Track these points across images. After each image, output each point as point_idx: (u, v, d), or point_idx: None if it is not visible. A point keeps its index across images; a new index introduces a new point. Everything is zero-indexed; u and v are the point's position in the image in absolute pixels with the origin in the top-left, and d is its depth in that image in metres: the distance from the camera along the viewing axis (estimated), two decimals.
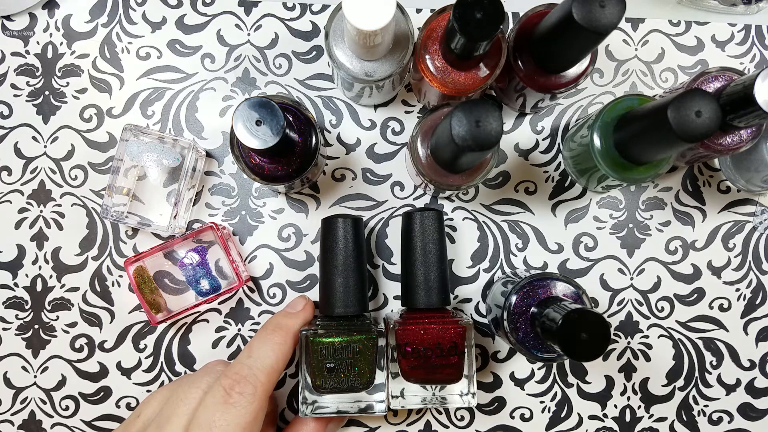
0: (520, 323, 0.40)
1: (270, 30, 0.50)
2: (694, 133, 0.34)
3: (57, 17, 0.50)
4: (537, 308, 0.40)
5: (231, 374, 0.38)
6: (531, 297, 0.41)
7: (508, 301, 0.41)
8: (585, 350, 0.33)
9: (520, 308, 0.40)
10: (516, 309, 0.40)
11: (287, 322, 0.42)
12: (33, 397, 0.48)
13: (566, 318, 0.33)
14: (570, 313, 0.34)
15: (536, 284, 0.41)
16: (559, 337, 0.33)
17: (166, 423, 0.38)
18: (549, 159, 0.50)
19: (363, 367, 0.41)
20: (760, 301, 0.50)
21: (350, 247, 0.44)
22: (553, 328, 0.34)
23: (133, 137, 0.46)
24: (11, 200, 0.49)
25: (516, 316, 0.40)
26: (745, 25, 0.51)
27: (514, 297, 0.41)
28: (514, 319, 0.40)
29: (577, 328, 0.33)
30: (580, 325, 0.33)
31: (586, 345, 0.33)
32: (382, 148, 0.50)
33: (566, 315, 0.34)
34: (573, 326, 0.33)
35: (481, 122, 0.33)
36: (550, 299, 0.40)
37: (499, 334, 0.45)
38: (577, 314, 0.34)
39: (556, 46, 0.39)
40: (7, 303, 0.49)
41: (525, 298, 0.41)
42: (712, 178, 0.50)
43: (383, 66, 0.42)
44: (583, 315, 0.34)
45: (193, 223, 0.49)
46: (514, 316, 0.40)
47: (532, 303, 0.41)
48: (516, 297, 0.41)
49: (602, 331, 0.33)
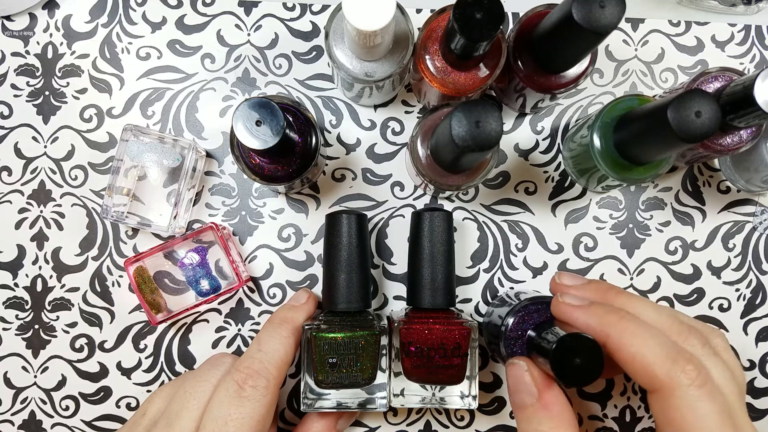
0: (516, 347, 0.40)
1: (270, 30, 0.50)
2: (694, 134, 0.34)
3: (57, 17, 0.50)
4: (533, 332, 0.39)
5: (243, 368, 0.39)
6: (527, 321, 0.40)
7: (505, 323, 0.41)
8: (578, 376, 0.33)
9: (516, 332, 0.40)
10: (512, 333, 0.40)
11: (292, 314, 0.43)
12: (33, 397, 0.49)
13: (561, 342, 0.33)
14: (565, 338, 0.33)
15: (531, 308, 0.41)
16: (552, 362, 0.33)
17: (176, 418, 0.38)
18: (549, 159, 0.50)
19: (365, 363, 0.41)
20: (759, 301, 0.50)
21: (354, 243, 0.44)
22: (547, 351, 0.34)
23: (133, 137, 0.46)
24: (11, 200, 0.49)
25: (512, 341, 0.40)
26: (745, 25, 0.51)
27: (511, 320, 0.40)
28: (510, 342, 0.40)
29: (571, 353, 0.33)
30: (575, 350, 0.33)
31: (580, 370, 0.33)
32: (382, 148, 0.50)
33: (561, 339, 0.33)
34: (567, 351, 0.33)
35: (481, 123, 0.33)
36: (546, 323, 0.39)
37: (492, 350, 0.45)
38: (571, 339, 0.33)
39: (556, 47, 0.39)
40: (8, 303, 0.49)
41: (521, 322, 0.40)
42: (712, 178, 0.50)
43: (383, 66, 0.42)
44: (577, 339, 0.33)
45: (193, 223, 0.49)
46: (510, 341, 0.40)
47: (527, 327, 0.40)
48: (513, 320, 0.40)
49: (596, 357, 0.33)
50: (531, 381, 0.36)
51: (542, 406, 0.35)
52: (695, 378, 0.32)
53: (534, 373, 0.36)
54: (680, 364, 0.32)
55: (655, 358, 0.33)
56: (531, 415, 0.36)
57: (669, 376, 0.32)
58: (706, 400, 0.32)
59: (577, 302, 0.37)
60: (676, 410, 0.32)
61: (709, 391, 0.32)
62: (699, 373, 0.32)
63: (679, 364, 0.32)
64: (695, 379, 0.32)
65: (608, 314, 0.35)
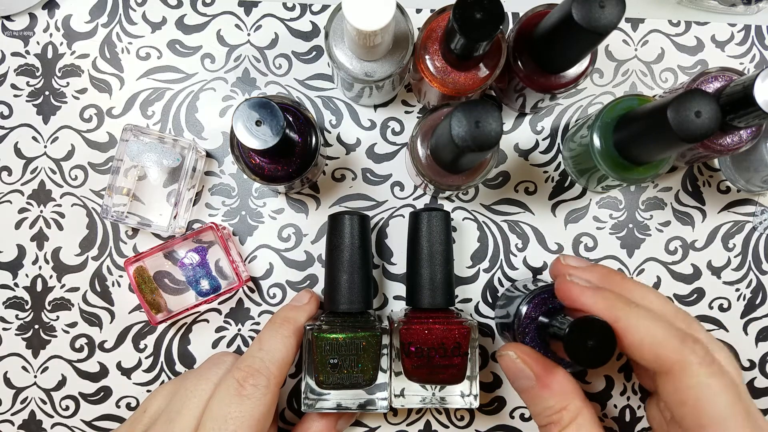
0: (528, 330, 0.41)
1: (270, 30, 0.50)
2: (694, 134, 0.34)
3: (57, 17, 0.50)
4: (545, 317, 0.40)
5: (244, 367, 0.39)
6: (541, 307, 0.41)
7: (519, 310, 0.41)
8: (592, 357, 0.33)
9: (529, 318, 0.41)
10: (526, 319, 0.41)
11: (294, 315, 0.43)
12: (33, 397, 0.49)
13: (573, 325, 0.34)
14: (577, 321, 0.34)
15: (544, 296, 0.41)
16: (566, 344, 0.34)
17: (177, 416, 0.38)
18: (549, 159, 0.50)
19: (366, 364, 0.41)
20: (759, 301, 0.50)
21: (356, 244, 0.44)
22: (560, 335, 0.35)
23: (133, 137, 0.46)
24: (11, 200, 0.49)
25: (524, 327, 0.41)
26: (744, 25, 0.51)
27: (525, 307, 0.41)
28: (523, 329, 0.41)
29: (584, 335, 0.34)
30: (587, 332, 0.34)
31: (593, 352, 0.33)
32: (382, 148, 0.50)
33: (573, 322, 0.34)
34: (580, 333, 0.34)
35: (481, 123, 0.33)
36: (557, 309, 0.40)
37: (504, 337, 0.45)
38: (584, 322, 0.34)
39: (556, 47, 0.39)
40: (8, 303, 0.49)
41: (536, 309, 0.41)
42: (712, 178, 0.50)
43: (383, 66, 0.42)
44: (590, 322, 0.34)
45: (193, 223, 0.49)
46: (523, 327, 0.41)
47: (541, 313, 0.41)
48: (527, 307, 0.41)
49: (608, 339, 0.34)
50: (524, 366, 0.37)
51: (542, 386, 0.36)
52: (704, 356, 0.32)
53: (524, 358, 0.37)
54: (688, 344, 0.33)
55: (663, 338, 0.33)
56: (535, 396, 0.37)
57: (679, 354, 0.32)
58: (717, 376, 0.32)
59: (585, 283, 0.37)
60: (688, 389, 0.32)
61: (719, 369, 0.33)
62: (707, 351, 0.33)
63: (687, 344, 0.33)
64: (704, 357, 0.32)
65: (617, 297, 0.36)
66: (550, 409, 0.36)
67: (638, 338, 0.34)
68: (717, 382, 0.32)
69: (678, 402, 0.33)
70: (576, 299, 0.37)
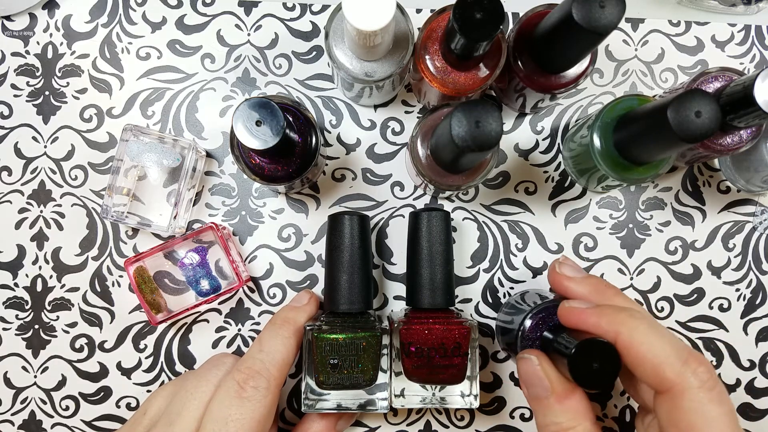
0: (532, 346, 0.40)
1: (270, 30, 0.50)
2: (694, 134, 0.34)
3: (57, 17, 0.50)
4: (550, 333, 0.39)
5: (244, 368, 0.39)
6: (546, 322, 0.41)
7: (523, 324, 0.41)
8: (596, 379, 0.33)
9: (534, 333, 0.40)
10: (529, 334, 0.40)
11: (294, 315, 0.43)
12: (33, 397, 0.49)
13: (578, 348, 0.33)
14: (583, 343, 0.34)
15: (551, 310, 0.41)
16: (570, 365, 0.33)
17: (177, 418, 0.38)
18: (549, 159, 0.50)
19: (366, 365, 0.41)
20: (760, 301, 0.50)
21: (356, 244, 0.44)
22: (565, 353, 0.34)
23: (133, 137, 0.46)
24: (11, 200, 0.49)
25: (528, 341, 0.40)
26: (745, 25, 0.51)
27: (530, 321, 0.41)
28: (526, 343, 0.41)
29: (589, 357, 0.33)
30: (593, 354, 0.33)
31: (597, 374, 0.33)
32: (382, 149, 0.50)
33: (578, 345, 0.33)
34: (585, 355, 0.33)
35: (481, 123, 0.33)
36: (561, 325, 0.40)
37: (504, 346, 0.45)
38: (589, 344, 0.34)
39: (556, 47, 0.39)
40: (8, 303, 0.49)
41: (541, 323, 0.41)
42: (712, 178, 0.50)
43: (383, 66, 0.42)
44: (596, 345, 0.34)
45: (193, 223, 0.49)
46: (526, 341, 0.40)
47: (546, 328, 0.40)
48: (531, 322, 0.41)
49: (613, 361, 0.33)
50: (543, 375, 0.36)
51: (557, 400, 0.35)
52: (707, 380, 0.31)
53: (546, 367, 0.36)
54: (692, 366, 0.32)
55: (666, 357, 0.32)
56: (546, 409, 0.35)
57: (680, 376, 0.31)
58: (716, 403, 0.31)
59: (585, 305, 0.37)
60: (684, 412, 0.31)
61: (719, 394, 0.31)
62: (711, 375, 0.32)
63: (690, 366, 0.32)
64: (707, 381, 0.31)
65: (618, 312, 0.35)
66: (558, 425, 0.35)
67: (640, 355, 0.33)
68: (715, 408, 0.31)
69: (670, 423, 0.32)
70: (577, 323, 0.36)
